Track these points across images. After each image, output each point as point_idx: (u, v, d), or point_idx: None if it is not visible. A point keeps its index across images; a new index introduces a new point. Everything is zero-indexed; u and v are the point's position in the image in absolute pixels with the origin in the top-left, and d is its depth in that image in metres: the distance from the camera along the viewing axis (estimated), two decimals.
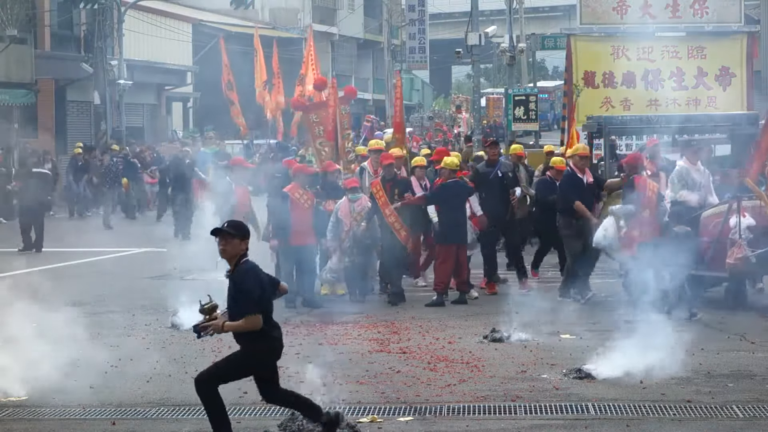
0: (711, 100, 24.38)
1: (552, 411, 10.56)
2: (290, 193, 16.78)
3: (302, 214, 16.68)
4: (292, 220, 16.59)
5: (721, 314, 15.47)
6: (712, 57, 24.50)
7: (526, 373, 12.15)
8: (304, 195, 16.83)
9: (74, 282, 19.18)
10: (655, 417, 10.28)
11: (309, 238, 16.84)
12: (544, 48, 50.84)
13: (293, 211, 16.61)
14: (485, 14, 54.56)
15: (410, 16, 65.68)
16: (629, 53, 24.40)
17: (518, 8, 49.07)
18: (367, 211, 17.05)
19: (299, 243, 16.64)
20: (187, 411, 10.71)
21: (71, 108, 41.92)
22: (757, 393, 11.15)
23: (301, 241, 16.64)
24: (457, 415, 10.41)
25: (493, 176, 17.84)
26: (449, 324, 15.29)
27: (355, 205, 17.08)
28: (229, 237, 9.10)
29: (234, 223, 9.33)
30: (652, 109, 24.39)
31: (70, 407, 10.84)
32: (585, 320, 15.21)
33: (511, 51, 43.17)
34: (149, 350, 13.70)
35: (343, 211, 17.09)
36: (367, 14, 68.17)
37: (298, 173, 17.13)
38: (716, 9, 24.78)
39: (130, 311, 16.55)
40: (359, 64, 68.96)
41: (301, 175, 17.06)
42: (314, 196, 17.04)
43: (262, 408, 10.72)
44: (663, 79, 24.80)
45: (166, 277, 20.09)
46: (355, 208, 17.06)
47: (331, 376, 11.81)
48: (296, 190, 16.83)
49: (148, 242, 25.75)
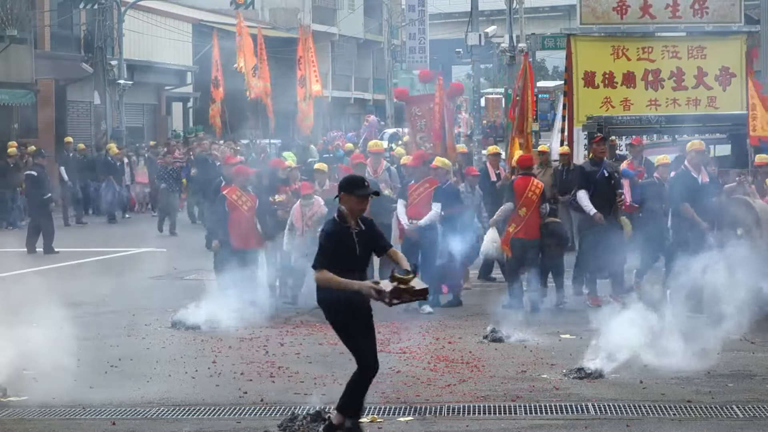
0: (711, 100, 24.34)
1: (552, 411, 10.56)
2: (227, 195, 16.27)
3: (241, 216, 16.12)
4: (231, 223, 16.09)
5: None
6: (712, 57, 24.47)
7: (526, 373, 12.16)
8: (243, 197, 16.23)
9: (74, 282, 19.17)
10: (655, 417, 10.28)
11: (251, 242, 16.22)
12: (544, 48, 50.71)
13: (231, 214, 16.11)
14: (485, 14, 54.60)
15: (410, 16, 65.62)
16: (629, 53, 24.37)
17: (518, 8, 48.97)
18: (320, 217, 16.41)
19: (241, 247, 16.06)
20: (187, 411, 10.71)
21: (71, 108, 41.92)
22: (757, 393, 11.16)
23: (242, 244, 16.07)
24: (457, 415, 10.41)
25: (600, 176, 16.55)
26: (449, 324, 15.30)
27: (306, 210, 16.65)
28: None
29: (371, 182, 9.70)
30: (652, 109, 24.35)
31: (70, 407, 10.84)
32: (585, 320, 15.23)
33: (511, 51, 43.16)
34: (149, 350, 13.71)
35: (295, 215, 16.67)
36: (367, 14, 68.16)
37: (237, 174, 16.50)
38: (716, 9, 24.75)
39: (130, 311, 16.55)
40: (359, 64, 68.97)
41: (241, 176, 16.47)
42: (255, 198, 16.39)
43: (262, 408, 10.74)
44: (663, 79, 24.77)
45: (166, 277, 20.12)
46: (306, 213, 16.63)
47: (331, 376, 11.83)
48: (234, 192, 16.26)
49: (148, 242, 25.76)
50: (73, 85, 41.22)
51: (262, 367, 12.58)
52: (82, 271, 21.31)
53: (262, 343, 14.00)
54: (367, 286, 9.11)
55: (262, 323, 15.22)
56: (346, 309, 9.27)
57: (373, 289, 9.08)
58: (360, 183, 9.45)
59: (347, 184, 9.45)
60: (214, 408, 10.76)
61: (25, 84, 37.46)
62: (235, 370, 12.44)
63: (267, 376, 12.14)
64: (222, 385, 11.74)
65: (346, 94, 66.80)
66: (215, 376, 12.19)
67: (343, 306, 9.25)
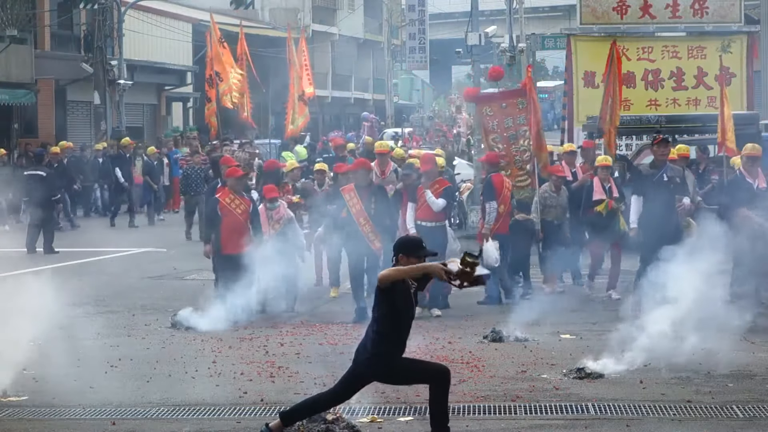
0: (711, 100, 24.37)
1: (552, 411, 10.56)
2: (220, 198, 15.86)
3: (233, 220, 15.65)
4: (222, 227, 15.67)
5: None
6: (712, 57, 24.49)
7: (526, 373, 12.16)
8: (235, 200, 15.77)
9: (74, 282, 19.16)
10: (655, 417, 10.28)
11: (245, 245, 15.56)
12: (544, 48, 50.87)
13: (224, 218, 15.66)
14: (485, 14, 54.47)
15: (410, 16, 65.62)
16: (629, 53, 24.39)
17: (518, 8, 48.99)
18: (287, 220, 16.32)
19: (232, 251, 15.55)
20: (187, 411, 10.71)
21: (71, 108, 41.93)
22: (757, 393, 11.15)
23: (234, 249, 15.53)
24: (457, 415, 10.40)
25: (658, 179, 15.64)
26: (449, 324, 15.30)
27: (273, 213, 16.41)
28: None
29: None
30: (652, 109, 24.39)
31: (70, 407, 10.84)
32: (585, 320, 15.24)
33: (511, 51, 43.17)
34: (149, 350, 13.71)
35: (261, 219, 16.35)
36: (367, 14, 68.17)
37: (229, 177, 16.06)
38: (716, 9, 24.78)
39: (130, 311, 16.55)
40: (359, 64, 68.97)
41: (232, 179, 15.98)
42: (250, 202, 16.00)
43: (262, 408, 10.73)
44: (663, 79, 24.80)
45: (166, 277, 20.13)
46: (273, 216, 16.39)
47: (331, 376, 11.82)
48: (227, 195, 15.84)
49: (148, 242, 25.76)
50: (73, 85, 41.23)
51: (262, 367, 12.58)
52: (82, 271, 21.31)
53: (262, 343, 14.00)
54: (438, 268, 8.91)
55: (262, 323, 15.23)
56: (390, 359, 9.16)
57: (443, 270, 8.90)
58: (419, 245, 9.17)
59: (405, 247, 9.14)
60: (214, 408, 10.76)
61: (25, 84, 37.47)
62: (235, 370, 12.43)
63: (267, 376, 12.14)
64: (222, 385, 11.74)
65: (346, 94, 66.80)
66: (215, 376, 12.19)
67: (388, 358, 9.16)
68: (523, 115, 17.82)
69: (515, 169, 17.78)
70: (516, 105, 17.97)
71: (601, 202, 16.99)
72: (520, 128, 17.85)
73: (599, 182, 17.16)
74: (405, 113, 69.04)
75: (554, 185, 17.79)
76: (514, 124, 17.92)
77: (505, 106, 18.02)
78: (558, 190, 17.79)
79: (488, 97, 18.89)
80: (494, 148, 17.82)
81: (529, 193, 17.77)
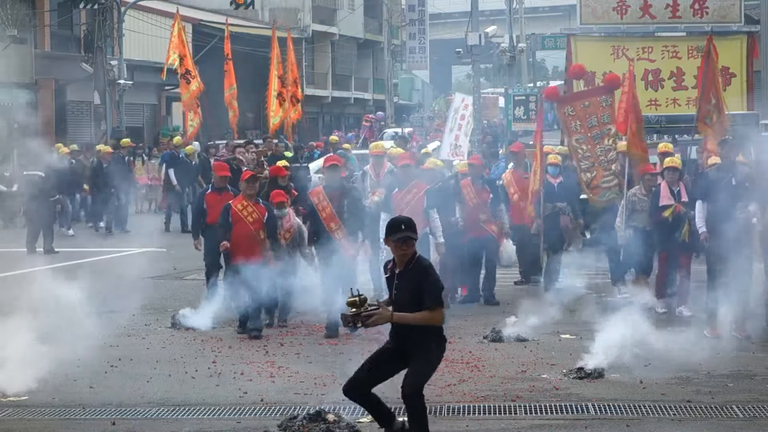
0: None
1: (552, 411, 10.56)
2: (232, 204, 14.88)
3: (244, 229, 14.67)
4: (234, 235, 14.70)
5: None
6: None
7: (526, 373, 12.16)
8: (248, 207, 14.79)
9: (74, 282, 19.14)
10: (655, 417, 10.29)
11: (255, 256, 14.56)
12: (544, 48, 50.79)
13: (234, 225, 14.69)
14: (485, 14, 54.58)
15: (410, 16, 65.71)
16: (629, 53, 24.38)
17: (518, 8, 49.04)
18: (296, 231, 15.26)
19: (239, 261, 14.55)
20: (187, 411, 10.71)
21: (71, 108, 41.91)
22: (757, 393, 11.16)
23: (242, 260, 14.52)
24: (457, 415, 10.41)
25: (726, 183, 14.49)
26: (449, 324, 15.15)
27: (282, 221, 15.20)
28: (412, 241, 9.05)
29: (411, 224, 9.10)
30: (652, 109, 24.38)
31: (70, 407, 10.85)
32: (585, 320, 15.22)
33: (511, 51, 43.17)
34: (149, 350, 13.71)
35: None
36: (367, 14, 68.17)
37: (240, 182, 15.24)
38: (716, 9, 24.77)
39: (130, 311, 16.54)
40: (359, 64, 68.97)
41: (243, 183, 15.07)
42: (265, 210, 14.85)
43: (262, 408, 10.74)
44: (663, 79, 24.79)
45: (166, 277, 20.12)
46: (283, 225, 15.20)
47: (331, 376, 11.82)
48: (240, 201, 14.93)
49: (148, 242, 25.74)
50: (73, 85, 41.22)
51: (262, 367, 12.58)
52: (82, 271, 21.29)
53: (262, 343, 14.00)
54: (347, 317, 9.28)
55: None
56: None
57: (342, 316, 9.27)
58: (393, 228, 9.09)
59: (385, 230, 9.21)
60: (214, 408, 10.77)
61: (25, 84, 37.46)
62: (235, 370, 12.44)
63: (267, 376, 12.14)
64: (222, 385, 11.74)
65: (346, 94, 66.80)
66: (215, 376, 12.20)
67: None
68: (607, 113, 17.05)
69: (600, 169, 17.03)
70: (599, 103, 17.19)
71: (668, 207, 15.80)
72: (605, 127, 17.08)
73: (666, 186, 15.88)
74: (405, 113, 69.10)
75: (645, 187, 16.41)
76: (598, 123, 17.14)
77: (588, 105, 17.24)
78: (649, 192, 16.29)
79: (569, 96, 18.29)
80: (578, 150, 17.15)
81: (615, 194, 16.86)
